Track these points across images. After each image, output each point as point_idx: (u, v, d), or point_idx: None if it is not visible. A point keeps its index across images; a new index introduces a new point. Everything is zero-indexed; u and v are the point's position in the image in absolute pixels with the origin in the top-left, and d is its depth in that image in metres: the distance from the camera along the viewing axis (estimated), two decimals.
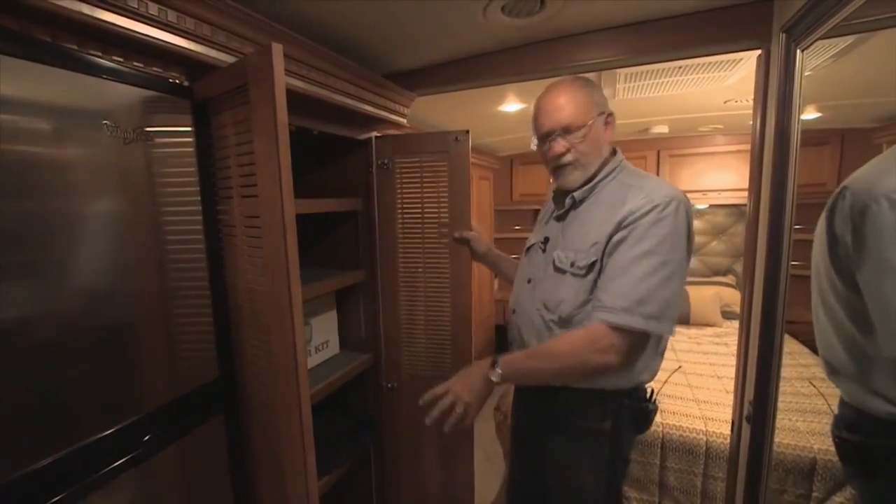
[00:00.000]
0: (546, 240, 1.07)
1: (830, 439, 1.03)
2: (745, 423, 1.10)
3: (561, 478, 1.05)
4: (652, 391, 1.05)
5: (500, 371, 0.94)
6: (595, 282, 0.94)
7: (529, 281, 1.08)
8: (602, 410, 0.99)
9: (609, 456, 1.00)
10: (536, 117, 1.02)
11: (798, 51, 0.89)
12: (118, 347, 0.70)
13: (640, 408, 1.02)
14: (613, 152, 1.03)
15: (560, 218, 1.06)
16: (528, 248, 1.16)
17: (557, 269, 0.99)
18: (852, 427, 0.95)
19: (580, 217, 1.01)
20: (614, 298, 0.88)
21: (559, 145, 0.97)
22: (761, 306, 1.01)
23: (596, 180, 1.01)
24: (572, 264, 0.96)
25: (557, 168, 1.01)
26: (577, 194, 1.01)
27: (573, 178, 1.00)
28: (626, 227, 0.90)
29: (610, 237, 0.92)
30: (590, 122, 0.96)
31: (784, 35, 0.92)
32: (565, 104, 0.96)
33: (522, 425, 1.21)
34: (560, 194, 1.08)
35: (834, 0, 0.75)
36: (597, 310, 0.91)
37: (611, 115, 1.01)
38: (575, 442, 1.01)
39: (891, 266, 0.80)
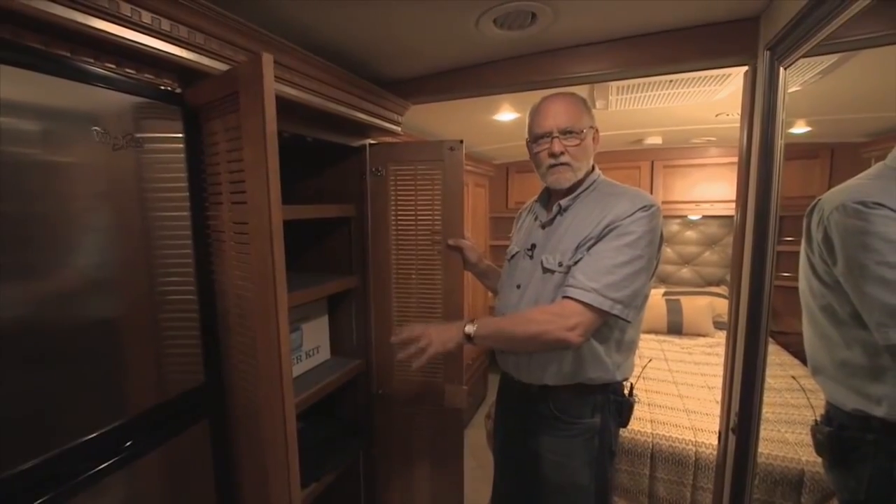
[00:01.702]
0: (533, 246, 1.12)
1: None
2: (731, 433, 1.10)
3: (555, 477, 1.09)
4: (632, 386, 1.14)
5: (475, 326, 1.00)
6: None
7: (518, 286, 1.12)
8: (591, 407, 1.06)
9: (599, 449, 1.07)
10: (536, 117, 1.08)
11: (781, 68, 0.91)
12: (104, 351, 0.70)
13: (623, 402, 1.11)
14: (592, 168, 1.11)
15: (545, 225, 1.12)
16: (512, 257, 1.20)
17: (546, 270, 1.05)
18: (828, 422, 1.00)
19: (565, 223, 1.07)
20: (587, 279, 0.93)
21: (559, 144, 1.03)
22: (746, 317, 1.02)
23: (580, 190, 1.08)
24: (560, 264, 1.03)
25: (553, 166, 1.06)
26: (563, 202, 1.08)
27: (566, 177, 1.06)
28: (613, 228, 0.97)
29: (598, 238, 0.98)
30: (585, 131, 1.04)
31: (768, 53, 0.94)
32: (567, 110, 1.04)
33: (510, 429, 1.22)
34: (547, 201, 1.16)
35: (814, 21, 0.77)
36: (569, 286, 0.95)
37: (597, 131, 1.09)
38: (568, 440, 1.07)
39: (867, 268, 0.85)
